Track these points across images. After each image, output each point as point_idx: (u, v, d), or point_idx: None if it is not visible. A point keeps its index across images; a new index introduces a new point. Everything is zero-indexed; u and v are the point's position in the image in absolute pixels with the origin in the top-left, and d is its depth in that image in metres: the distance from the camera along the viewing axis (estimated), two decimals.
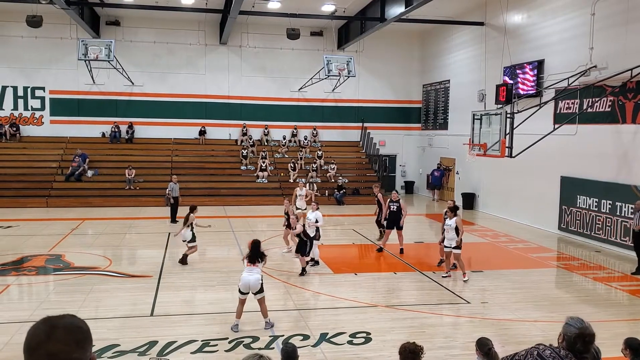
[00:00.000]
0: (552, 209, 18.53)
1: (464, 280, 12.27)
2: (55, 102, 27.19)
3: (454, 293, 11.52)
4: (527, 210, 20.16)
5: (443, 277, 12.57)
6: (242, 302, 9.10)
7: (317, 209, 13.90)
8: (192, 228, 13.60)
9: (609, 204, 16.08)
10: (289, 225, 14.36)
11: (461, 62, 25.56)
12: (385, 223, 15.38)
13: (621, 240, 15.59)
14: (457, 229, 12.43)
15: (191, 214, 13.71)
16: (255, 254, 9.26)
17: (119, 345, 8.20)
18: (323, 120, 29.66)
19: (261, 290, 9.12)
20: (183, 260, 13.43)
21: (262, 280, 9.16)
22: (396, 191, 16.18)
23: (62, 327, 1.89)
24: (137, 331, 8.91)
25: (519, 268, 13.85)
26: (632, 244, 13.89)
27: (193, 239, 13.57)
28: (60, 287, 11.57)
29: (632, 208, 13.79)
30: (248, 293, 9.07)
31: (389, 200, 15.46)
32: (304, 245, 12.75)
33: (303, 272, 12.62)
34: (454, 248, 12.45)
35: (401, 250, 15.12)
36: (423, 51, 29.80)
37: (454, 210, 12.70)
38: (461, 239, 12.51)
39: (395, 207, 15.10)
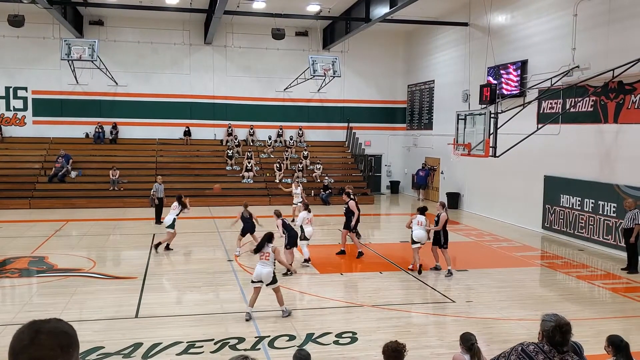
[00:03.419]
0: (536, 208, 18.69)
1: (409, 269, 13.16)
2: (38, 102, 26.89)
3: (439, 292, 11.58)
4: (511, 209, 20.31)
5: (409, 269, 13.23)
6: (256, 291, 9.61)
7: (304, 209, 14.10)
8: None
9: (592, 203, 16.26)
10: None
11: (445, 63, 25.69)
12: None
13: (604, 239, 15.77)
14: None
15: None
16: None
17: (104, 347, 8.14)
18: (308, 121, 29.66)
19: (274, 281, 9.65)
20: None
21: (274, 273, 9.68)
22: (346, 194, 15.28)
23: (47, 331, 1.87)
24: (122, 333, 8.85)
25: (504, 267, 13.95)
26: (624, 243, 13.95)
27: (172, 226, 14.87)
28: (44, 289, 11.45)
29: (625, 207, 13.82)
30: (260, 282, 9.58)
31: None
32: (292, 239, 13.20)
33: (288, 272, 12.30)
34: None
35: (359, 254, 14.64)
36: (408, 51, 29.91)
37: (421, 210, 13.51)
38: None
39: (344, 208, 14.88)
